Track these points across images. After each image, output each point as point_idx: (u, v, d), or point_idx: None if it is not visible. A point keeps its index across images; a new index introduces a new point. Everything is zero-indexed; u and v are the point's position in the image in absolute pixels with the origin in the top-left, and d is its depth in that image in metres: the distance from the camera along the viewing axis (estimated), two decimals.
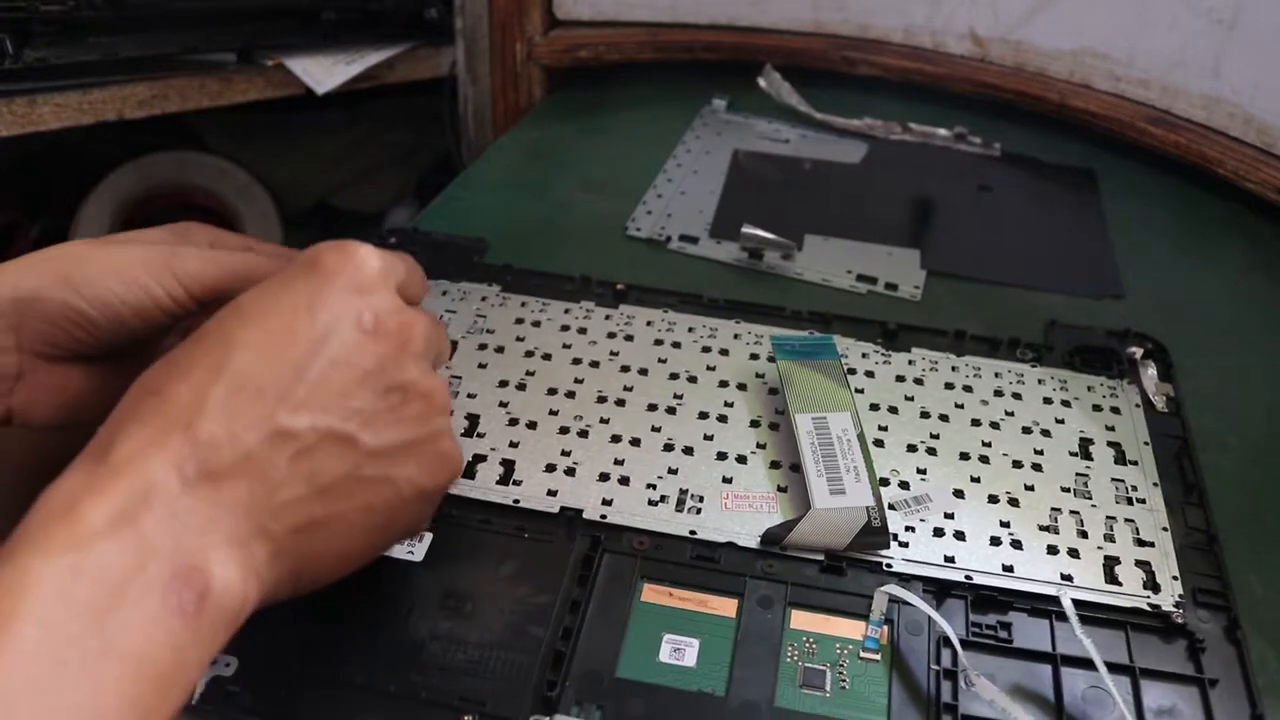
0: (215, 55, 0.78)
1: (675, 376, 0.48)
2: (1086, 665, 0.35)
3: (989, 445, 0.45)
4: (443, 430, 0.34)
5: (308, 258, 0.32)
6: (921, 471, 0.43)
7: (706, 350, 0.50)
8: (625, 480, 0.42)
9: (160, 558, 0.26)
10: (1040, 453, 0.45)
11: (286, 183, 1.07)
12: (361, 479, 0.31)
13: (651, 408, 0.46)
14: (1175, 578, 0.39)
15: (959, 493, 0.42)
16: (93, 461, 0.27)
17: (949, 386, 0.48)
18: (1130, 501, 0.42)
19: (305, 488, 0.30)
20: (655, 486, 0.42)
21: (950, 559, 0.39)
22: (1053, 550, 0.40)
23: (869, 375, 0.49)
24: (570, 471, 0.42)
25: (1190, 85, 0.70)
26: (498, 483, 0.42)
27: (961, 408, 0.47)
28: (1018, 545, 0.40)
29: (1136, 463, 0.44)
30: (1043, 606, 0.38)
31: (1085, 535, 0.41)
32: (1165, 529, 0.41)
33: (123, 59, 0.72)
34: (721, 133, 0.75)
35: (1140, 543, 0.41)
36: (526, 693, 0.34)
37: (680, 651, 0.36)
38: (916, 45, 0.79)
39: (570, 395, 0.46)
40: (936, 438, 0.45)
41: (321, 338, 0.30)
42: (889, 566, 0.39)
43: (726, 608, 0.37)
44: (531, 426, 0.45)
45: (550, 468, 0.43)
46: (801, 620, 0.37)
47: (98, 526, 0.25)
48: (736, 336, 0.51)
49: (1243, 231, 0.66)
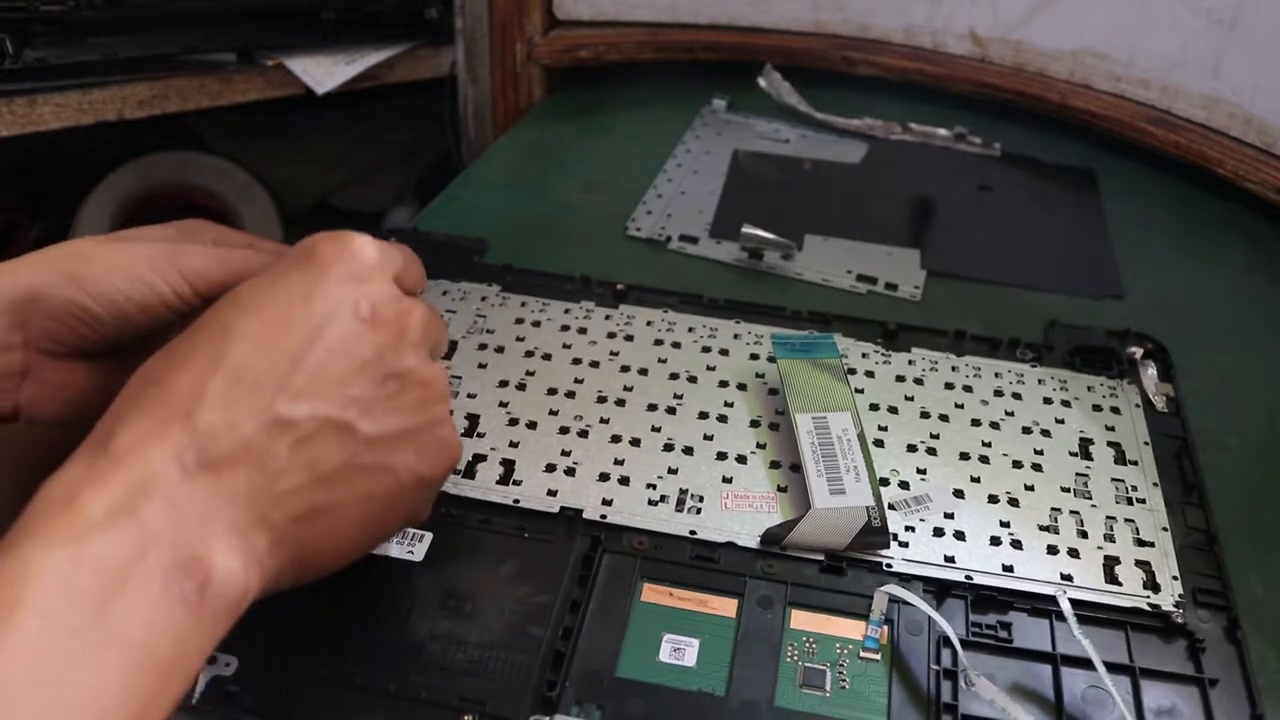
0: (215, 55, 0.78)
1: (675, 376, 0.48)
2: (1086, 665, 0.35)
3: (989, 445, 0.45)
4: (441, 418, 0.34)
5: (304, 248, 0.32)
6: (921, 471, 0.43)
7: (706, 350, 0.50)
8: (625, 480, 0.42)
9: (161, 547, 0.26)
10: (1040, 453, 0.45)
11: (286, 183, 1.07)
12: (361, 467, 0.31)
13: (651, 408, 0.46)
14: (1175, 578, 0.39)
15: (959, 493, 0.42)
16: (93, 452, 0.27)
17: (949, 386, 0.48)
18: (1130, 501, 0.42)
19: (305, 476, 0.30)
20: (655, 486, 0.42)
21: (950, 559, 0.39)
22: (1053, 550, 0.40)
23: (869, 375, 0.49)
24: (570, 471, 0.42)
25: (1190, 85, 0.70)
26: (498, 483, 0.42)
27: (961, 408, 0.47)
28: (1018, 545, 0.40)
29: (1136, 463, 0.44)
30: (1043, 606, 0.38)
31: (1085, 535, 0.41)
32: (1165, 529, 0.41)
33: (123, 59, 0.72)
34: (721, 133, 0.74)
35: (1140, 543, 0.41)
36: (526, 693, 0.34)
37: (680, 651, 0.36)
38: (916, 45, 0.79)
39: (570, 395, 0.46)
40: (936, 438, 0.45)
41: (319, 327, 0.30)
42: (889, 566, 0.39)
43: (726, 608, 0.37)
44: (531, 426, 0.45)
45: (550, 468, 0.43)
46: (801, 620, 0.37)
47: (98, 517, 0.26)
48: (736, 336, 0.51)
49: (1243, 231, 0.66)
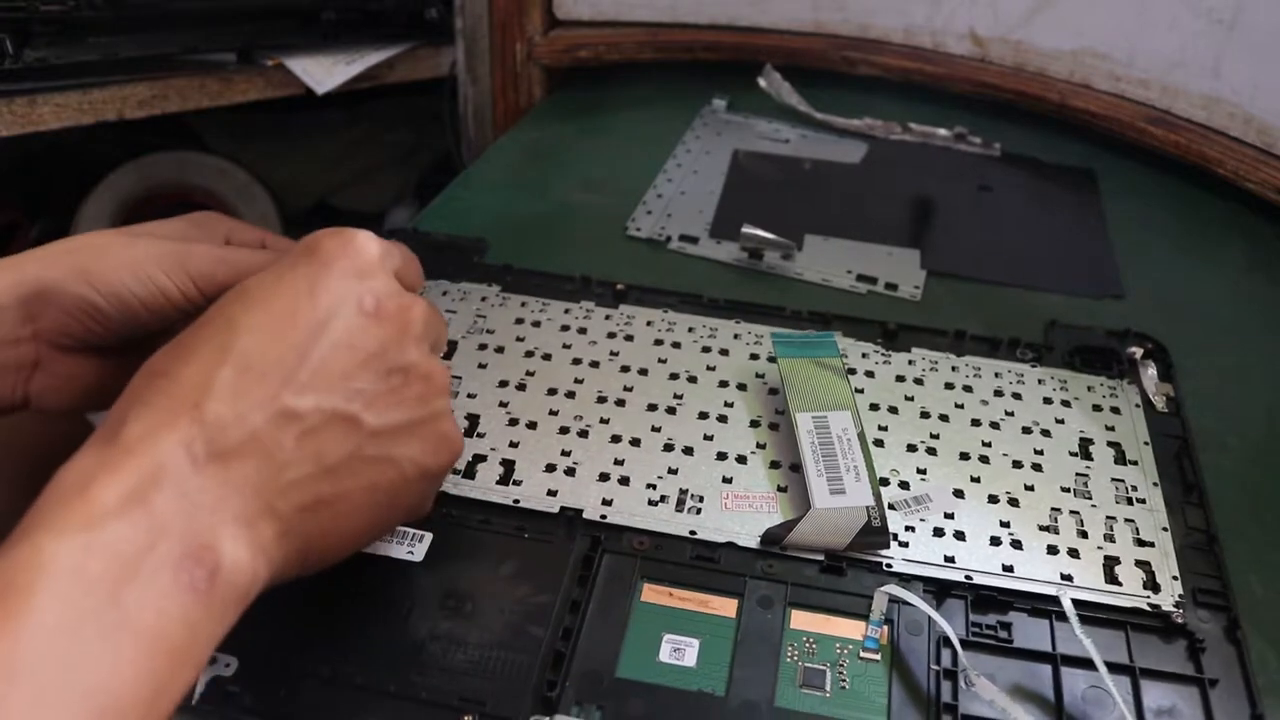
0: (215, 55, 0.78)
1: (675, 376, 0.48)
2: (1086, 665, 0.35)
3: (989, 445, 0.45)
4: (443, 411, 0.34)
5: (308, 244, 0.33)
6: (921, 471, 0.43)
7: (706, 350, 0.50)
8: (625, 480, 0.42)
9: (171, 536, 0.27)
10: (1040, 453, 0.45)
11: (286, 183, 1.07)
12: (365, 458, 0.32)
13: (651, 408, 0.46)
14: (1175, 578, 0.39)
15: (959, 493, 0.42)
16: (104, 443, 0.28)
17: (949, 386, 0.48)
18: (1130, 501, 0.42)
19: (311, 467, 0.30)
20: (655, 486, 0.42)
21: (950, 559, 0.39)
22: (1053, 550, 0.40)
23: (869, 375, 0.49)
24: (570, 471, 0.42)
25: (1190, 85, 0.70)
26: (498, 483, 0.42)
27: (961, 408, 0.47)
28: (1018, 545, 0.40)
29: (1136, 463, 0.44)
30: (1043, 606, 0.38)
31: (1085, 535, 0.41)
32: (1165, 529, 0.41)
33: (123, 59, 0.72)
34: (721, 133, 0.74)
35: (1140, 543, 0.41)
36: (526, 693, 0.34)
37: (680, 651, 0.36)
38: (916, 45, 0.79)
39: (570, 395, 0.46)
40: (936, 438, 0.45)
41: (324, 321, 0.31)
42: (889, 566, 0.39)
43: (726, 608, 0.37)
44: (531, 426, 0.45)
45: (550, 468, 0.43)
46: (801, 620, 0.37)
47: (110, 506, 0.26)
48: (736, 336, 0.51)
49: (1243, 231, 0.66)
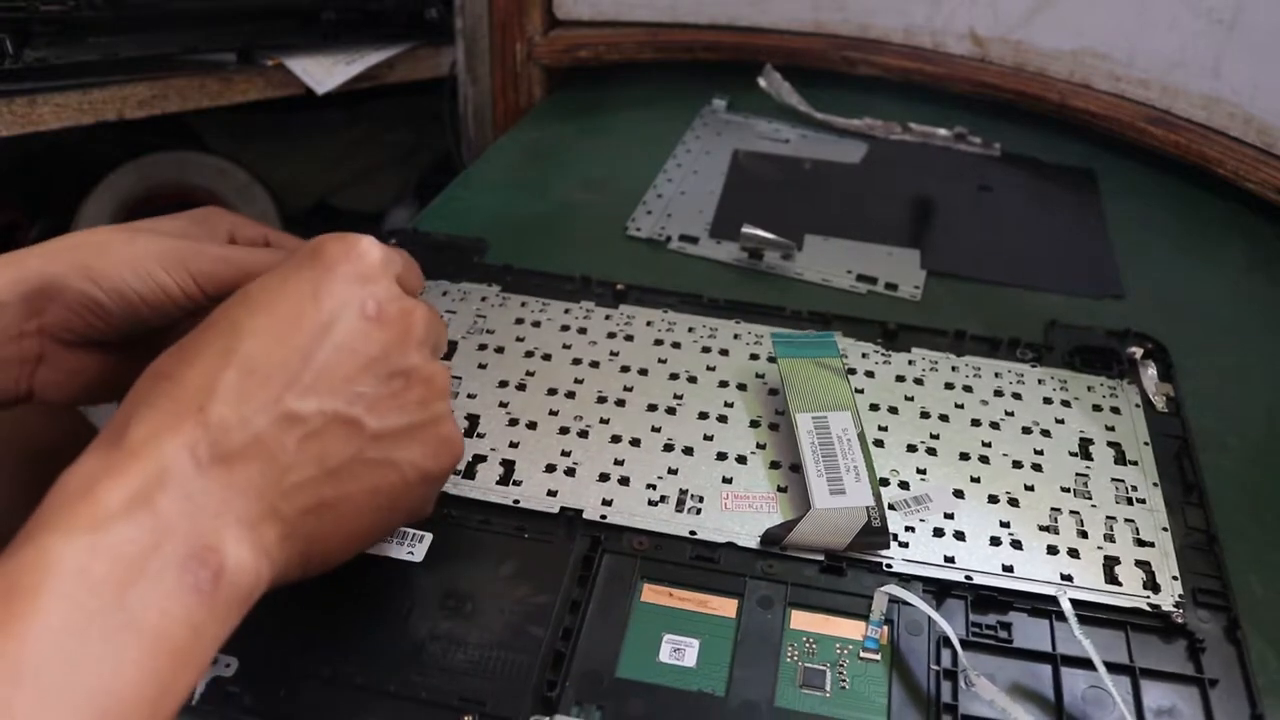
0: (215, 55, 0.78)
1: (675, 376, 0.48)
2: (1086, 665, 0.35)
3: (989, 445, 0.45)
4: (444, 414, 0.34)
5: (311, 248, 0.33)
6: (921, 471, 0.43)
7: (706, 350, 0.50)
8: (625, 480, 0.42)
9: (176, 537, 0.27)
10: (1040, 453, 0.45)
11: (286, 183, 1.07)
12: (367, 461, 0.32)
13: (651, 408, 0.46)
14: (1175, 578, 0.39)
15: (959, 493, 0.42)
16: (108, 445, 0.28)
17: (949, 386, 0.48)
18: (1130, 501, 0.42)
19: (314, 470, 0.31)
20: (655, 487, 0.42)
21: (950, 559, 0.39)
22: (1053, 550, 0.40)
23: (869, 375, 0.49)
24: (570, 472, 0.42)
25: (1190, 85, 0.70)
26: (498, 483, 0.42)
27: (961, 408, 0.47)
28: (1018, 545, 0.40)
29: (1136, 463, 0.44)
30: (1043, 606, 0.38)
31: (1085, 535, 0.41)
32: (1165, 529, 0.41)
33: (123, 59, 0.72)
34: (721, 133, 0.74)
35: (1140, 543, 0.41)
36: (526, 693, 0.34)
37: (680, 652, 0.36)
38: (916, 45, 0.79)
39: (570, 395, 0.46)
40: (936, 438, 0.45)
41: (327, 324, 0.31)
42: (889, 566, 0.39)
43: (726, 608, 0.37)
44: (531, 427, 0.45)
45: (550, 468, 0.43)
46: (801, 620, 0.37)
47: (115, 507, 0.26)
48: (736, 336, 0.51)
49: (1243, 231, 0.66)
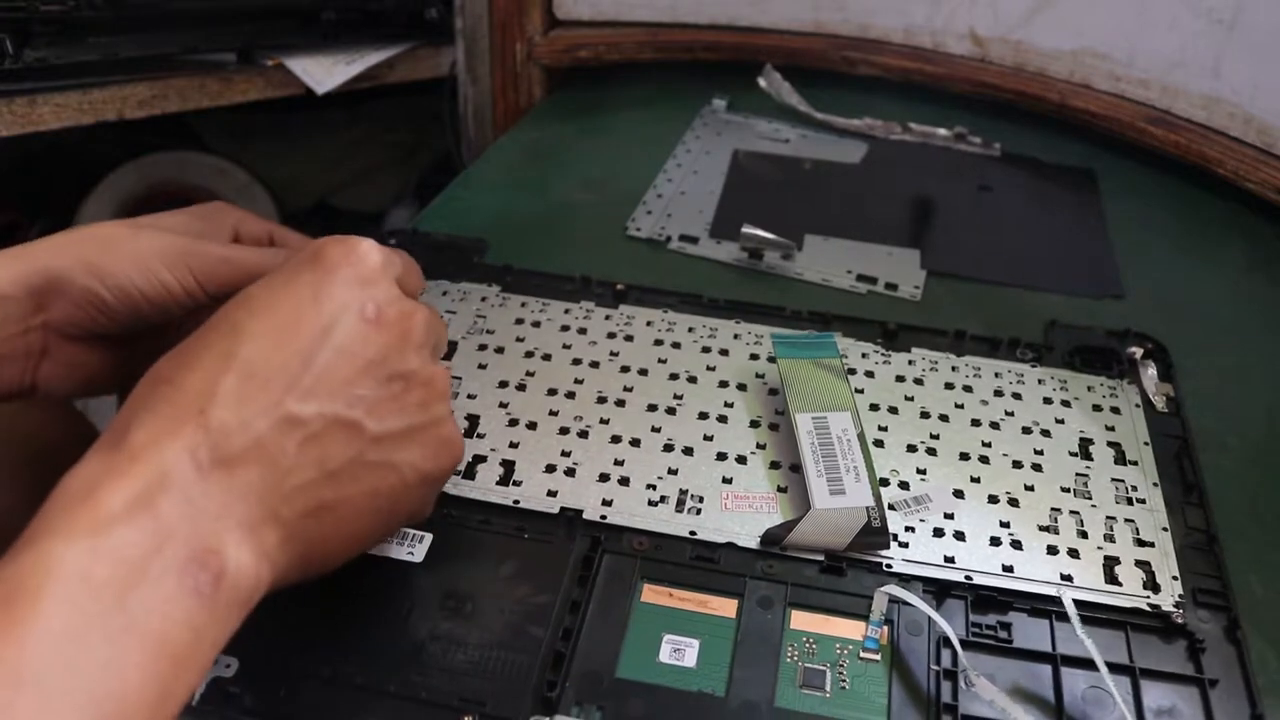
0: (215, 55, 0.78)
1: (675, 377, 0.48)
2: (1086, 665, 0.35)
3: (989, 445, 0.45)
4: (443, 416, 0.34)
5: (311, 251, 0.33)
6: (921, 471, 0.43)
7: (706, 350, 0.50)
8: (625, 481, 0.42)
9: (177, 541, 0.27)
10: (1040, 453, 0.45)
11: (286, 183, 1.07)
12: (367, 464, 0.32)
13: (651, 408, 0.46)
14: (1175, 578, 0.39)
15: (959, 493, 0.42)
16: (109, 448, 0.28)
17: (949, 386, 0.48)
18: (1130, 501, 0.42)
19: (314, 473, 0.31)
20: (655, 487, 0.42)
21: (950, 559, 0.39)
22: (1053, 550, 0.40)
23: (869, 375, 0.49)
24: (570, 472, 0.42)
25: (1190, 85, 0.70)
26: (498, 483, 0.42)
27: (961, 408, 0.47)
28: (1018, 545, 0.40)
29: (1136, 463, 0.44)
30: (1043, 606, 0.38)
31: (1085, 535, 0.41)
32: (1165, 529, 0.41)
33: (123, 59, 0.72)
34: (721, 133, 0.74)
35: (1140, 543, 0.41)
36: (526, 693, 0.34)
37: (680, 652, 0.36)
38: (916, 45, 0.79)
39: (570, 396, 0.46)
40: (936, 438, 0.45)
41: (327, 328, 0.31)
42: (889, 567, 0.39)
43: (726, 608, 0.37)
44: (531, 427, 0.45)
45: (550, 468, 0.43)
46: (801, 620, 0.37)
47: (116, 511, 0.26)
48: (736, 336, 0.51)
49: (1243, 231, 0.66)
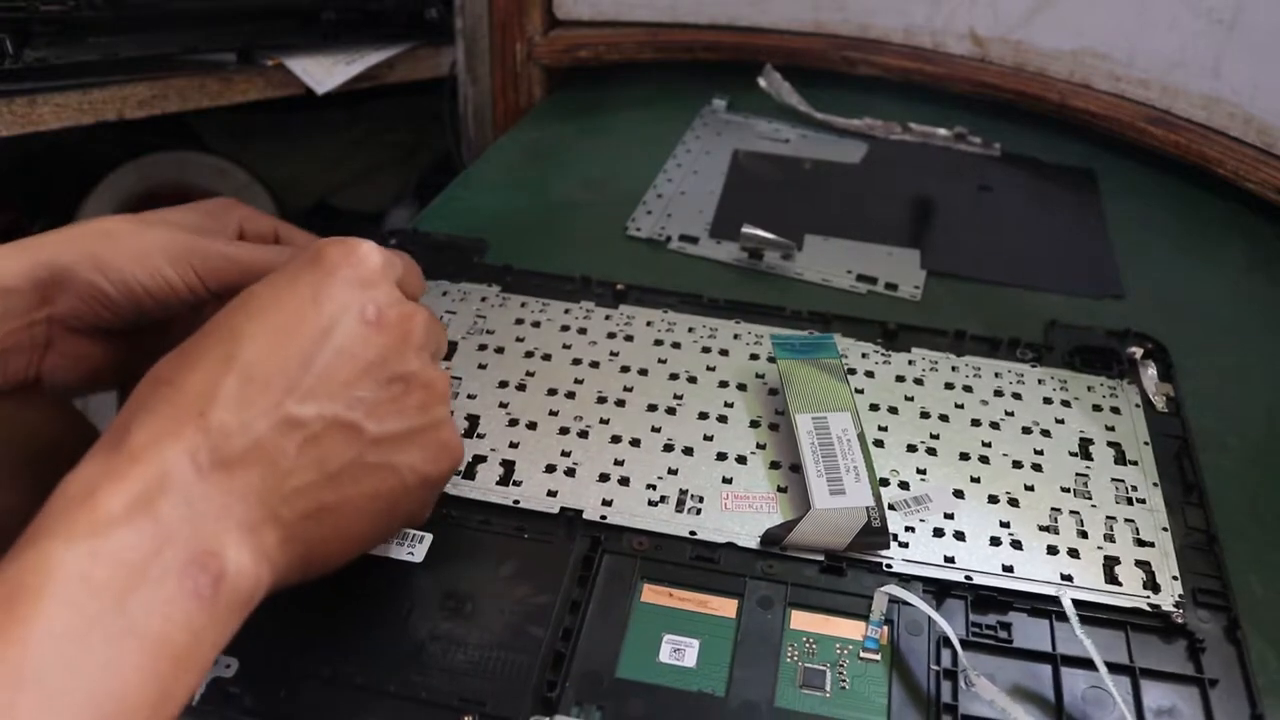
0: (215, 55, 0.78)
1: (675, 377, 0.48)
2: (1086, 665, 0.35)
3: (989, 445, 0.45)
4: (443, 419, 0.35)
5: (311, 253, 0.33)
6: (921, 471, 0.43)
7: (706, 350, 0.50)
8: (625, 481, 0.42)
9: (177, 543, 0.27)
10: (1040, 453, 0.45)
11: (286, 183, 1.07)
12: (366, 466, 0.32)
13: (651, 408, 0.46)
14: (1175, 578, 0.39)
15: (959, 493, 0.42)
16: (109, 450, 0.28)
17: (949, 386, 0.48)
18: (1130, 501, 0.42)
19: (314, 474, 0.31)
20: (655, 487, 0.42)
21: (950, 559, 0.39)
22: (1053, 550, 0.40)
23: (869, 375, 0.49)
24: (570, 472, 0.42)
25: (1190, 85, 0.70)
26: (497, 483, 0.42)
27: (961, 408, 0.47)
28: (1018, 545, 0.40)
29: (1136, 463, 0.44)
30: (1043, 606, 0.38)
31: (1085, 535, 0.41)
32: (1165, 529, 0.41)
33: (123, 59, 0.72)
34: (721, 133, 0.74)
35: (1140, 543, 0.41)
36: (526, 693, 0.34)
37: (680, 652, 0.36)
38: (916, 45, 0.79)
39: (570, 396, 0.46)
40: (936, 438, 0.45)
41: (327, 329, 0.31)
42: (889, 567, 0.39)
43: (726, 608, 0.37)
44: (531, 427, 0.45)
45: (550, 468, 0.43)
46: (801, 620, 0.37)
47: (116, 513, 0.26)
48: (736, 336, 0.51)
49: (1243, 231, 0.66)
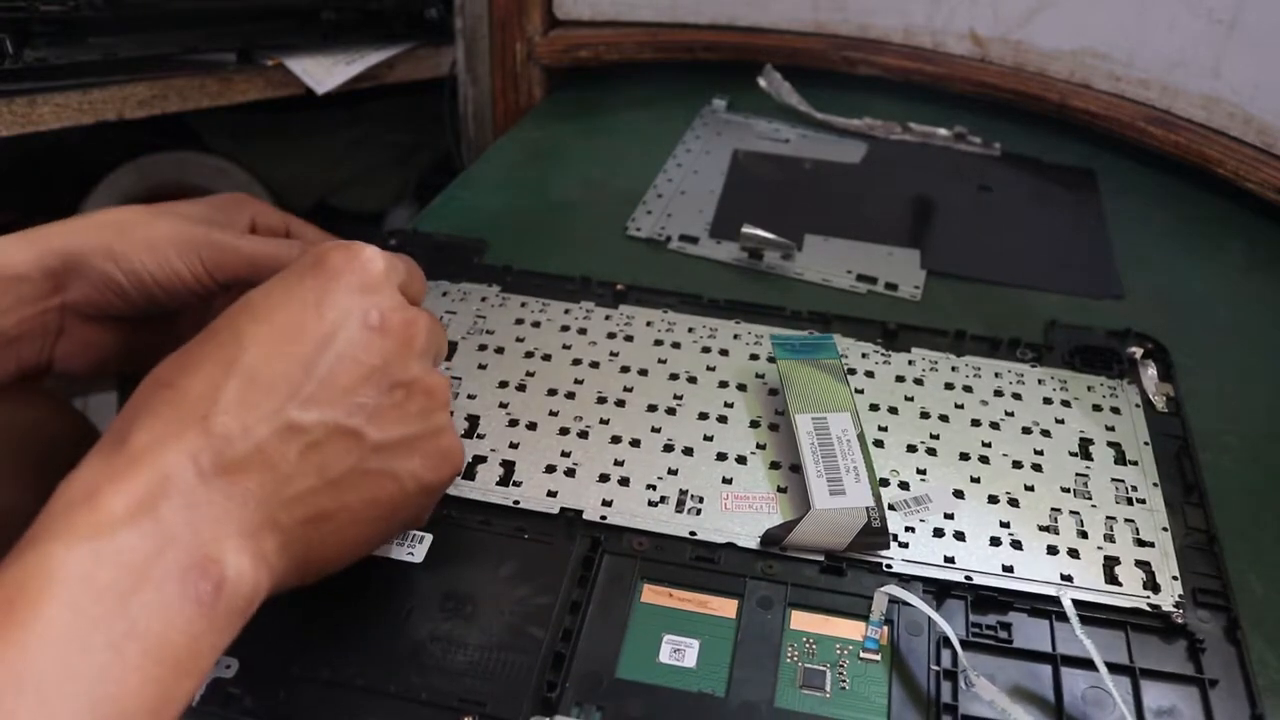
0: (215, 55, 0.78)
1: (675, 377, 0.48)
2: (1086, 665, 0.35)
3: (989, 445, 0.45)
4: (444, 426, 0.34)
5: (315, 257, 0.33)
6: (921, 472, 0.43)
7: (706, 350, 0.50)
8: (625, 481, 0.42)
9: (178, 547, 0.27)
10: (1040, 453, 0.45)
11: (286, 183, 1.07)
12: (367, 472, 0.32)
13: (651, 408, 0.46)
14: (1175, 578, 0.39)
15: (959, 493, 0.42)
16: (110, 451, 0.28)
17: (949, 386, 0.48)
18: (1130, 501, 0.42)
19: (314, 480, 0.31)
20: (655, 487, 0.42)
21: (950, 559, 0.39)
22: (1053, 550, 0.40)
23: (869, 375, 0.49)
24: (570, 472, 0.42)
25: (1190, 85, 0.70)
26: (497, 484, 0.42)
27: (961, 408, 0.47)
28: (1018, 545, 0.40)
29: (1136, 463, 0.44)
30: (1043, 607, 0.38)
31: (1085, 535, 0.41)
32: (1165, 529, 0.41)
33: (123, 59, 0.72)
34: (721, 133, 0.74)
35: (1140, 543, 0.41)
36: (526, 694, 0.34)
37: (680, 652, 0.36)
38: (916, 45, 0.79)
39: (570, 396, 0.46)
40: (936, 438, 0.45)
41: (329, 334, 0.31)
42: (889, 567, 0.39)
43: (726, 608, 0.37)
44: (531, 427, 0.45)
45: (550, 469, 0.43)
46: (801, 621, 0.37)
47: (118, 515, 0.26)
48: (736, 336, 0.51)
49: (1243, 231, 0.66)
